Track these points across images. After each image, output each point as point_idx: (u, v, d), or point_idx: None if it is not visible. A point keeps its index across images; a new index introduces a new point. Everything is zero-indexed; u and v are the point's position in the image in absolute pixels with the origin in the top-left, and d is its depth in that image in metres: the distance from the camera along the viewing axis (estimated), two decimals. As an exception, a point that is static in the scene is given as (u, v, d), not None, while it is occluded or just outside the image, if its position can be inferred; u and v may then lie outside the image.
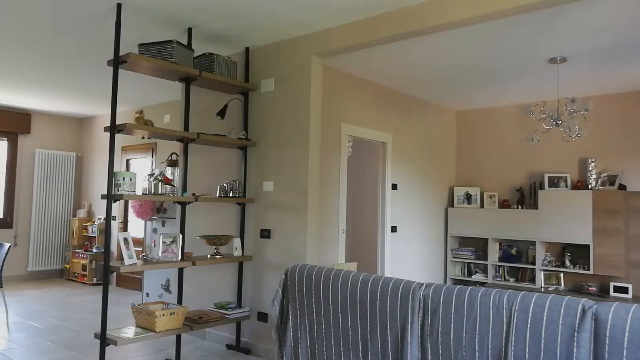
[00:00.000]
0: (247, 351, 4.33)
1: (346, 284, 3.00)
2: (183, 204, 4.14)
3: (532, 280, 6.06)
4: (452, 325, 2.55)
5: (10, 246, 5.07)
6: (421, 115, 6.32)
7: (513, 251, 6.29)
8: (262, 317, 4.30)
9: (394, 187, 5.77)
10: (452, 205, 6.76)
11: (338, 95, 5.00)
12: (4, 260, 4.95)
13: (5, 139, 7.75)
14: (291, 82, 4.24)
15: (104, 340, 3.39)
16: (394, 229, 5.73)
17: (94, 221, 8.03)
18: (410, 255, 6.04)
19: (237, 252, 4.25)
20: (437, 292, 2.64)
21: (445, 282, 6.73)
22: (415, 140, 6.20)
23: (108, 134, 7.88)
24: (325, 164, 4.82)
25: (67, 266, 8.02)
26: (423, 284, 2.75)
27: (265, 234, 4.31)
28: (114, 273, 7.63)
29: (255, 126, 4.49)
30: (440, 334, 2.59)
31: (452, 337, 2.54)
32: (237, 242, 4.25)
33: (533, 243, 6.09)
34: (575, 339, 2.19)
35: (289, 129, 4.22)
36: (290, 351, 3.25)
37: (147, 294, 5.89)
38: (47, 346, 4.41)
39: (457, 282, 6.65)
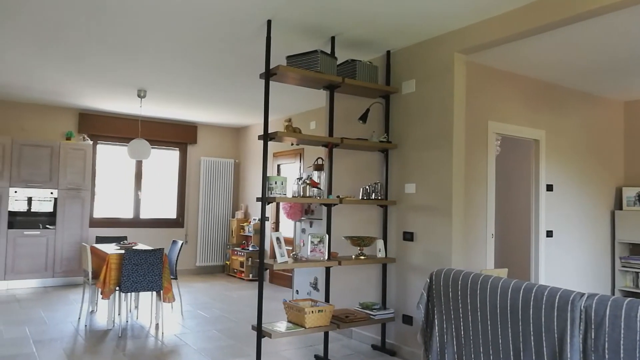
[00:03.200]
0: (393, 353, 4.34)
1: (495, 290, 2.86)
2: (329, 206, 4.32)
3: None
4: (621, 342, 2.28)
5: (182, 243, 5.77)
6: (579, 108, 5.73)
7: (702, 261, 5.38)
8: (407, 319, 4.28)
9: (549, 188, 5.32)
10: (621, 208, 6.01)
11: (483, 92, 4.78)
12: (178, 256, 5.66)
13: (177, 148, 8.85)
14: (433, 81, 4.16)
15: (260, 332, 3.68)
16: (549, 234, 5.28)
17: (250, 221, 8.74)
18: (568, 263, 5.51)
19: (381, 254, 4.29)
20: (602, 304, 2.38)
21: (612, 293, 6.00)
22: (573, 136, 5.64)
23: (261, 141, 8.56)
24: (471, 164, 4.63)
25: (228, 262, 8.86)
26: (584, 294, 2.50)
27: (408, 236, 4.29)
28: (268, 270, 8.22)
29: (396, 128, 4.50)
30: (607, 351, 2.33)
31: (622, 355, 2.27)
32: (380, 243, 4.29)
33: None
34: None
35: (431, 129, 4.15)
36: (436, 356, 3.19)
37: (297, 291, 6.24)
38: (213, 334, 4.92)
39: (628, 294, 5.89)
